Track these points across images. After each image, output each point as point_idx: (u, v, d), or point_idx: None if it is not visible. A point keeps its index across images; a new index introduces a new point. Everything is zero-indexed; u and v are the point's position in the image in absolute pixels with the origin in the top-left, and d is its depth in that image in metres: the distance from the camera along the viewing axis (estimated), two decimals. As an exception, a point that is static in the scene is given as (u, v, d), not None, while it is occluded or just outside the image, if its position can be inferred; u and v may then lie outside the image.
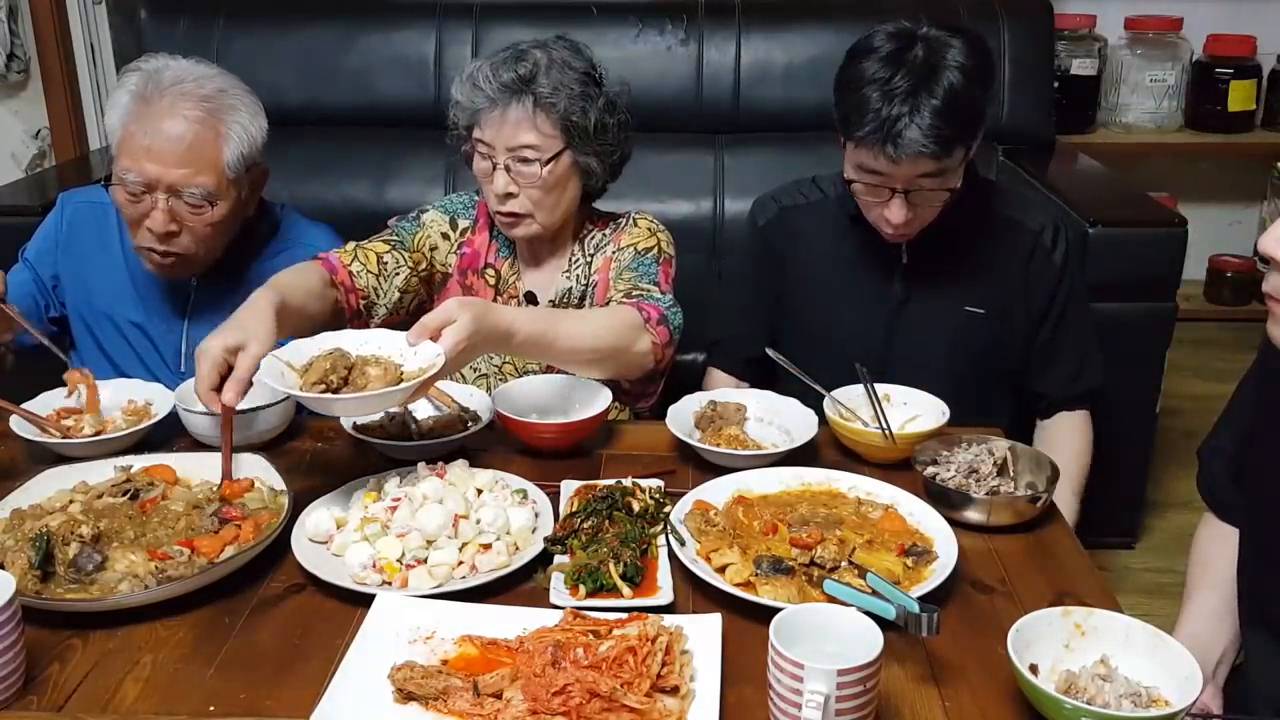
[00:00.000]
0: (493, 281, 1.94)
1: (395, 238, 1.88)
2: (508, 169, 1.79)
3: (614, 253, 1.89)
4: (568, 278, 1.91)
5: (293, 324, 1.58)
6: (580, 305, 1.90)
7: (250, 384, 1.43)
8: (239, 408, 1.47)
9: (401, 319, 1.89)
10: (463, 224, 1.96)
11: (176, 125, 1.75)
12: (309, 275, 1.71)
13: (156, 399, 1.70)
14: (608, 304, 1.83)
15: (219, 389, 1.42)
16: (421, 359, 1.45)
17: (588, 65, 1.82)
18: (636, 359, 1.72)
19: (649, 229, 1.90)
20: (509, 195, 1.80)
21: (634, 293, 1.78)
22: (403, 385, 1.40)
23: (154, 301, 1.96)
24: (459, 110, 1.84)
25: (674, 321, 1.78)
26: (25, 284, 1.98)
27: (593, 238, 1.93)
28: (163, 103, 1.76)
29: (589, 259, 1.91)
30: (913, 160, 1.68)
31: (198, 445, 1.62)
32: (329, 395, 1.39)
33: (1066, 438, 1.94)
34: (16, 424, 1.61)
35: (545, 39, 1.84)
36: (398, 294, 1.84)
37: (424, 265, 1.90)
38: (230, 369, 1.42)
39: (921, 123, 1.65)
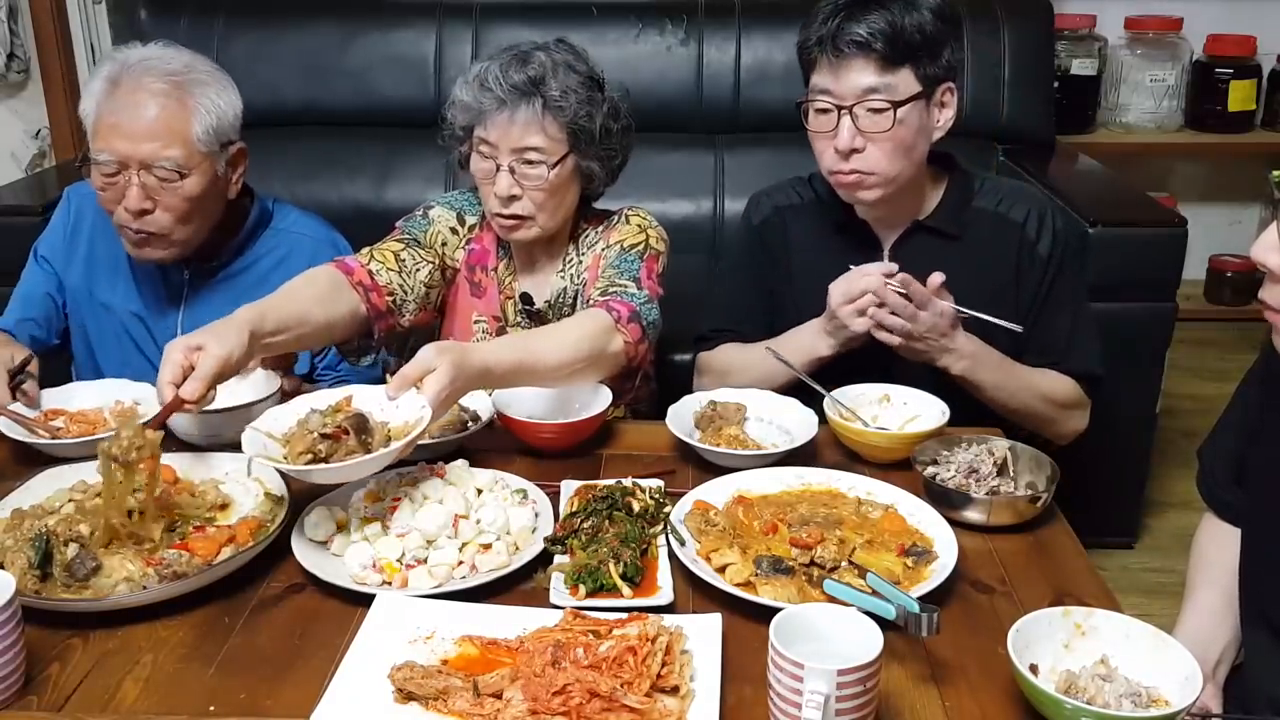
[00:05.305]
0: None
1: (408, 235, 1.87)
2: (511, 170, 1.78)
3: (603, 249, 1.87)
4: (563, 278, 1.91)
5: (292, 335, 1.57)
6: (574, 304, 1.89)
7: (212, 383, 1.42)
8: (233, 404, 1.55)
9: (430, 317, 1.90)
10: (470, 220, 1.94)
11: (142, 100, 1.78)
12: (315, 280, 1.69)
13: (144, 398, 1.70)
14: (587, 304, 1.80)
15: (179, 386, 1.41)
16: (406, 413, 1.41)
17: (589, 70, 1.82)
18: (612, 360, 1.69)
19: (639, 225, 1.88)
20: (512, 198, 1.79)
21: (610, 290, 1.75)
22: (391, 447, 1.36)
23: (150, 292, 1.97)
24: (461, 110, 1.82)
25: (648, 317, 1.74)
26: (42, 283, 1.99)
27: (586, 236, 1.92)
28: (129, 82, 1.79)
29: (582, 257, 1.91)
30: (853, 64, 1.67)
31: (189, 446, 1.61)
32: (317, 466, 1.34)
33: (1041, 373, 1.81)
34: (4, 425, 1.61)
35: (545, 42, 1.82)
36: (424, 289, 1.83)
37: (438, 261, 1.89)
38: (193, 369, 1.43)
39: (867, 20, 1.65)
